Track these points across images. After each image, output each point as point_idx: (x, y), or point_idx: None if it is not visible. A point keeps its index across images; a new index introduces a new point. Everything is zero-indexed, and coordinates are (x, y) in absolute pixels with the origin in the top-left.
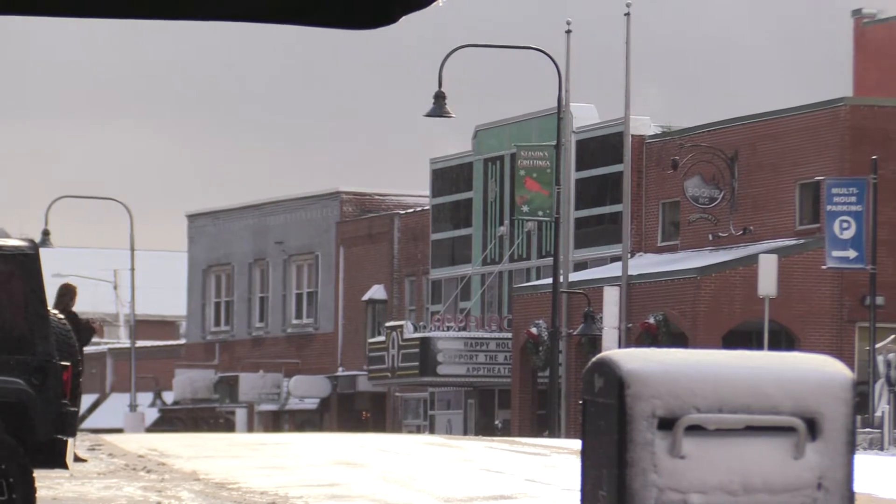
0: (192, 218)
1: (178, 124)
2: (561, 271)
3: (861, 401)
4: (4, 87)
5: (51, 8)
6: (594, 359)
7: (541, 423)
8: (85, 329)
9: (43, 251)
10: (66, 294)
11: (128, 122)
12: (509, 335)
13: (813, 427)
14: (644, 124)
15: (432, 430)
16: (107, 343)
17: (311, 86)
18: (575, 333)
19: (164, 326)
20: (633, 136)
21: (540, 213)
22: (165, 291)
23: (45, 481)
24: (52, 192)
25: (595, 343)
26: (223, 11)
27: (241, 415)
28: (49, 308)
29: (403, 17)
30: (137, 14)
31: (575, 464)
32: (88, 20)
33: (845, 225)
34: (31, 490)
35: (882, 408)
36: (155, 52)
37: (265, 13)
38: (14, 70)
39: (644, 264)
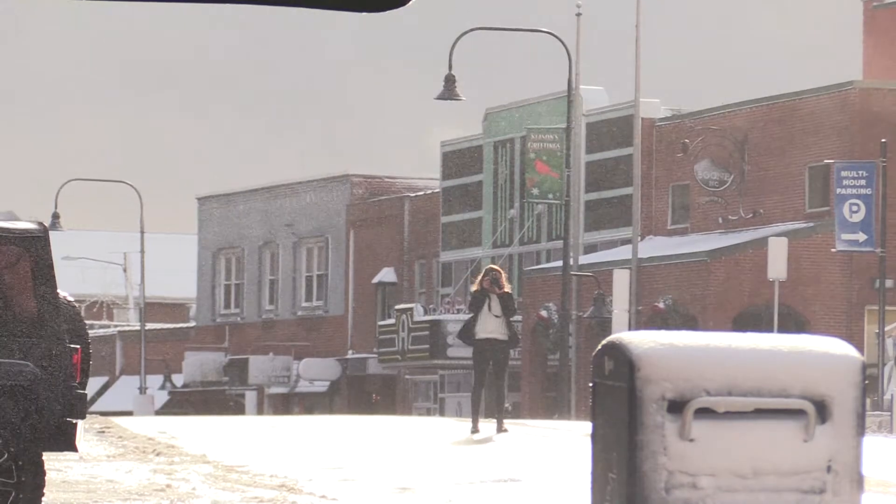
0: (202, 201)
1: (188, 107)
2: (571, 254)
3: (870, 383)
4: (15, 70)
5: None
6: (604, 342)
7: (551, 406)
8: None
9: (53, 234)
10: (486, 275)
11: (138, 105)
12: (519, 318)
13: (822, 410)
14: (654, 107)
15: (442, 413)
16: (116, 326)
17: (321, 69)
18: (585, 316)
19: (173, 309)
20: (643, 119)
21: (550, 195)
22: (175, 274)
23: (55, 464)
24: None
25: (605, 326)
26: None
27: (250, 398)
28: (59, 290)
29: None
30: None
31: (585, 446)
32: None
33: (855, 208)
34: (40, 473)
35: (891, 390)
36: (165, 35)
37: None
38: (25, 53)
39: (654, 247)
